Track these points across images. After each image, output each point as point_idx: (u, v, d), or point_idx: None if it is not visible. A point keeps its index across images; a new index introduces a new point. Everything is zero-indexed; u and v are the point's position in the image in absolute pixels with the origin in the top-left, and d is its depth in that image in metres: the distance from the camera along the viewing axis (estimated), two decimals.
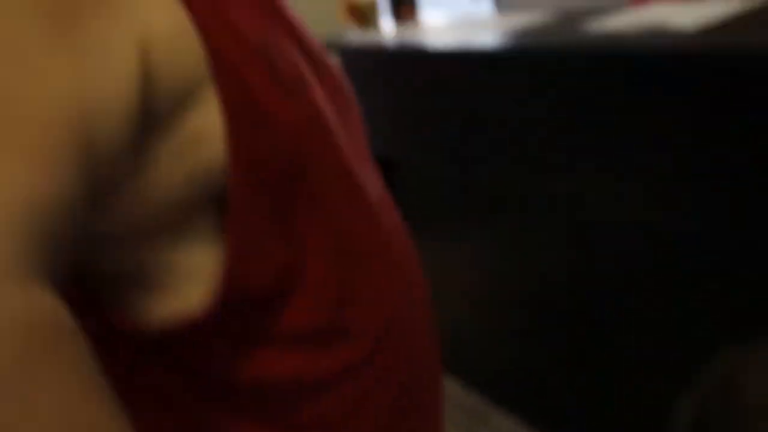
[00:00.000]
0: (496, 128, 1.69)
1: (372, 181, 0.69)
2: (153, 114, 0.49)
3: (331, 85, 0.68)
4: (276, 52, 0.57)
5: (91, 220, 0.45)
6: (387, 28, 2.13)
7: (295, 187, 0.57)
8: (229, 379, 0.58)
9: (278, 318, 0.58)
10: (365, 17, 2.08)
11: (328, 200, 0.60)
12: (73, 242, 0.42)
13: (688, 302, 1.38)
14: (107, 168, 0.45)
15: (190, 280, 0.55)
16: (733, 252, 1.28)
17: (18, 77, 0.41)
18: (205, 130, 0.52)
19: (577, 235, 1.58)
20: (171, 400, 0.59)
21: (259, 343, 0.58)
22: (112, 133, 0.45)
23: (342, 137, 0.65)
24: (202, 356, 0.57)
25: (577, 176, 1.52)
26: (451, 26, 1.95)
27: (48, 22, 0.43)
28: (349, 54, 2.07)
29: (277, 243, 0.57)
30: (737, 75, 1.16)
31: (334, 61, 0.72)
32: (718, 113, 1.21)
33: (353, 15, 2.08)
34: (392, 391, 0.67)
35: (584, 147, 1.49)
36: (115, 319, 0.56)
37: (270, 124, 0.54)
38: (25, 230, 0.38)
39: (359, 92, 2.14)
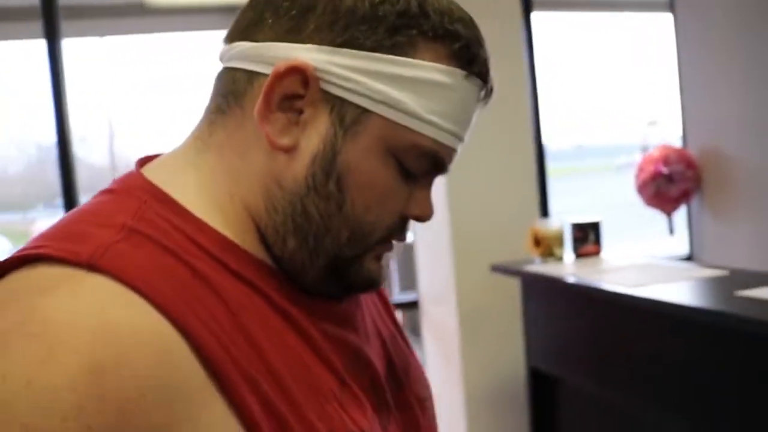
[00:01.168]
0: (646, 366, 1.78)
1: None
2: None
3: (413, 399, 0.71)
4: None
5: None
6: (568, 261, 2.32)
7: None
8: None
9: None
10: (549, 249, 2.30)
11: None
12: None
13: None
14: None
15: None
16: None
17: None
18: None
19: None
20: None
21: None
22: None
23: None
24: None
25: (708, 424, 1.55)
26: (626, 269, 2.11)
27: None
28: (527, 278, 2.29)
29: None
30: None
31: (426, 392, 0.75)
32: None
33: (538, 246, 2.31)
34: None
35: (724, 404, 1.53)
36: None
37: None
38: None
39: (534, 310, 2.32)
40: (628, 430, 1.97)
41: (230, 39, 0.60)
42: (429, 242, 3.02)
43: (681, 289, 1.78)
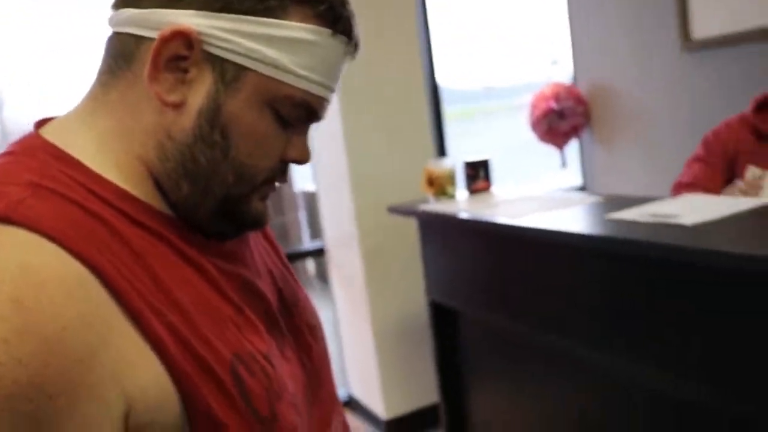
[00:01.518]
0: (536, 292, 1.91)
1: None
2: None
3: (304, 327, 0.78)
4: (247, 363, 0.63)
5: None
6: (461, 198, 2.42)
7: None
8: None
9: None
10: (442, 188, 2.39)
11: None
12: None
13: None
14: None
15: None
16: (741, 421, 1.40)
17: None
18: None
19: (588, 388, 1.73)
20: None
21: None
22: None
23: None
24: None
25: (598, 343, 1.70)
26: (514, 202, 2.22)
27: None
28: (423, 217, 2.38)
29: None
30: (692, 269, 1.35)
31: (310, 306, 0.82)
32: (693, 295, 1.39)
33: (432, 185, 2.40)
34: None
35: (608, 323, 1.67)
36: None
37: None
38: None
39: (431, 247, 2.42)
40: (524, 355, 2.11)
41: (117, 5, 0.65)
42: (331, 190, 3.07)
43: (561, 217, 1.90)
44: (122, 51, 0.64)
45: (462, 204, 2.33)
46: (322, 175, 3.14)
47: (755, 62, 2.90)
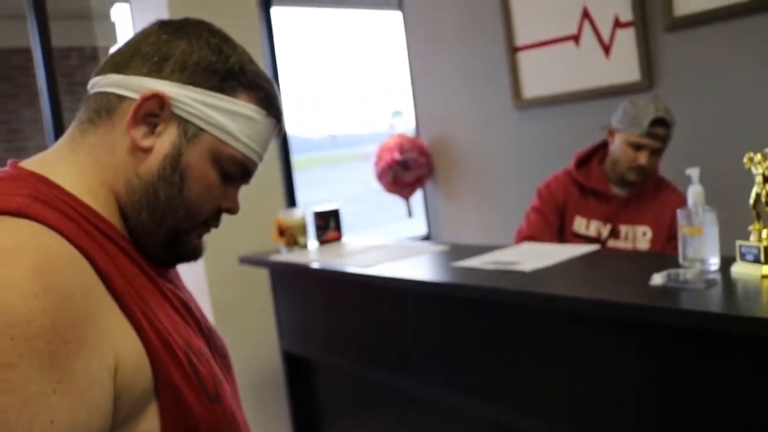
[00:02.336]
0: (389, 338, 1.95)
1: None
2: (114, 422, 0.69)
3: (221, 353, 0.93)
4: (195, 353, 0.78)
5: None
6: (312, 247, 2.44)
7: None
8: None
9: None
10: (293, 238, 2.40)
11: None
12: None
13: None
14: None
15: None
16: None
17: (24, 415, 0.61)
18: None
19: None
20: None
21: None
22: None
23: (239, 414, 0.87)
24: None
25: (449, 385, 1.76)
26: (365, 251, 2.28)
27: (46, 370, 0.63)
28: (275, 268, 2.38)
29: None
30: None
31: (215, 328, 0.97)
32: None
33: (283, 235, 2.40)
34: None
35: (459, 365, 1.74)
36: None
37: (198, 428, 0.76)
38: None
39: (283, 298, 2.41)
40: (380, 401, 2.14)
41: (103, 72, 0.84)
42: None
43: (409, 265, 1.97)
44: (106, 106, 0.82)
45: (313, 254, 2.35)
46: None
47: (574, 119, 3.21)
